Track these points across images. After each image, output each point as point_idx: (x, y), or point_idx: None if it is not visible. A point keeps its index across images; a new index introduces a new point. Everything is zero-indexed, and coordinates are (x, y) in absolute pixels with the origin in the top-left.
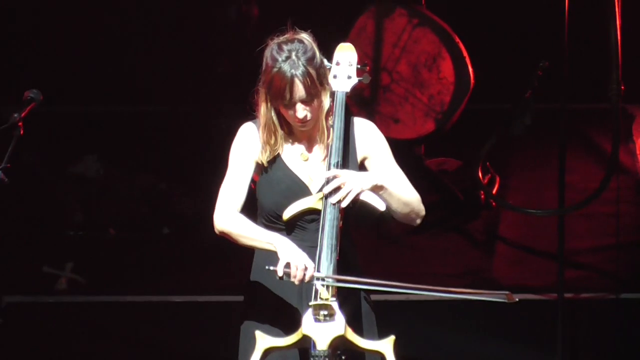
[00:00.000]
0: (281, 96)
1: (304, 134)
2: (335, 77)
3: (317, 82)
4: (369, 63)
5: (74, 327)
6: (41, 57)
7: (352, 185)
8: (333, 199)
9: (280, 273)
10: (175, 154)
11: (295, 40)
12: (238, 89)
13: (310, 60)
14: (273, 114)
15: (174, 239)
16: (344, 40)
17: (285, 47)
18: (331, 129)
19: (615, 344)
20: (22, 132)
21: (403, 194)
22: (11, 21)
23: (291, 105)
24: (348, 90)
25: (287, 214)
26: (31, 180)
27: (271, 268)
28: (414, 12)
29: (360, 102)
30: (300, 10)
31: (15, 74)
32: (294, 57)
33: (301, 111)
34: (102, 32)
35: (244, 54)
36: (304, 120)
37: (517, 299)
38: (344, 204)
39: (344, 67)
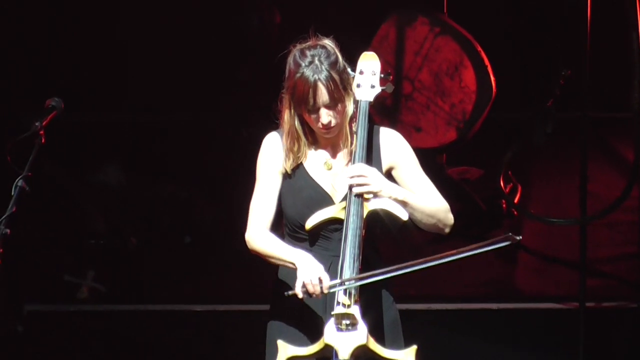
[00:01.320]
0: (305, 101)
1: (328, 142)
2: (358, 86)
3: (340, 86)
4: (391, 71)
5: (94, 335)
6: (63, 65)
7: (373, 180)
8: (354, 190)
9: (300, 295)
10: (197, 162)
11: (318, 46)
12: (260, 97)
13: (334, 64)
14: (297, 120)
15: (196, 247)
16: (366, 49)
17: (308, 53)
18: (354, 136)
19: (637, 352)
20: (43, 140)
21: (428, 205)
22: (34, 29)
23: (315, 110)
24: (371, 99)
25: (310, 223)
26: (53, 188)
27: (290, 293)
28: (436, 20)
29: (382, 111)
30: (322, 18)
31: (37, 82)
32: (317, 61)
33: (325, 116)
34: (124, 40)
35: (266, 61)
36: (328, 127)
37: (519, 238)
38: (358, 191)
39: (368, 76)
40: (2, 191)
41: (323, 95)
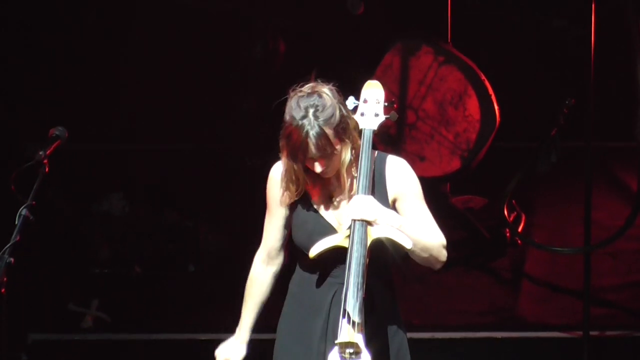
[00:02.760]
0: (296, 154)
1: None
2: (362, 114)
3: (333, 141)
4: (395, 100)
5: None
6: (66, 95)
7: (367, 210)
8: (350, 214)
9: None
10: (201, 191)
11: (315, 94)
12: (264, 126)
13: (328, 119)
14: (294, 165)
15: (200, 276)
16: (370, 78)
17: (302, 105)
18: (359, 166)
19: None
20: (47, 169)
21: (423, 238)
22: (37, 59)
23: (308, 160)
24: (375, 128)
25: (313, 252)
26: (57, 217)
27: None
28: (440, 49)
29: (386, 140)
30: (326, 47)
31: (41, 112)
32: (310, 115)
33: (318, 167)
34: (130, 70)
35: (270, 91)
36: (323, 174)
37: None
38: (351, 216)
39: (372, 104)
40: (6, 220)
41: (312, 151)
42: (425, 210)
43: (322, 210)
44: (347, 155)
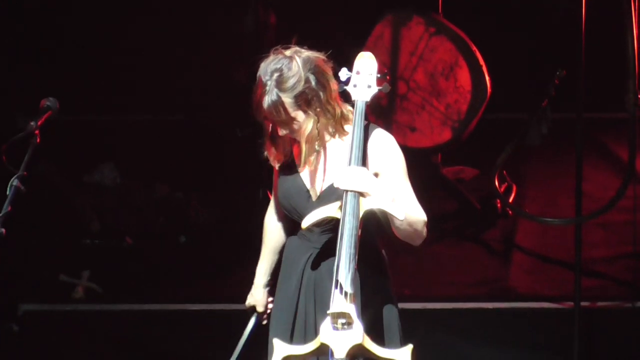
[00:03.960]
0: (255, 112)
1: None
2: (355, 86)
3: (290, 109)
4: (388, 72)
5: (90, 335)
6: (58, 66)
7: (361, 180)
8: (338, 183)
9: None
10: (192, 163)
11: (287, 60)
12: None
13: (288, 87)
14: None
15: (191, 247)
16: (361, 49)
17: (270, 67)
18: (351, 137)
19: (633, 352)
20: (38, 140)
21: (409, 212)
22: (28, 31)
23: (269, 121)
24: (368, 99)
25: (305, 223)
26: (48, 188)
27: None
28: (431, 20)
29: (377, 111)
30: (317, 19)
31: (32, 83)
32: (273, 80)
33: (281, 130)
34: (119, 41)
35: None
36: (289, 136)
37: None
38: (344, 187)
39: (364, 76)
40: None
41: (265, 113)
42: (408, 187)
43: (300, 172)
44: (308, 126)
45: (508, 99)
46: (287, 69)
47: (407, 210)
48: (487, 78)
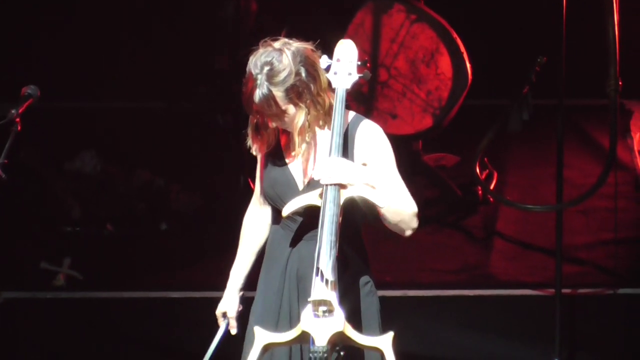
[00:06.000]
0: (245, 106)
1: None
2: (335, 73)
3: (281, 102)
4: (368, 59)
5: (71, 323)
6: (39, 53)
7: (340, 172)
8: (317, 176)
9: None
10: (173, 150)
11: (277, 53)
12: (236, 85)
13: (279, 80)
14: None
15: (172, 235)
16: (342, 37)
17: (261, 60)
18: (332, 125)
19: (614, 339)
20: (19, 128)
21: (394, 201)
22: (9, 18)
23: (260, 114)
24: (349, 87)
25: (286, 211)
26: (28, 176)
27: None
28: (412, 7)
29: (358, 98)
30: (298, 6)
31: (13, 70)
32: (263, 73)
33: (272, 123)
34: (99, 28)
35: (242, 50)
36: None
37: None
38: (324, 181)
39: (345, 63)
40: None
41: (257, 107)
42: (398, 178)
43: (289, 162)
44: (300, 119)
45: (489, 86)
46: (277, 62)
47: (396, 199)
48: (468, 65)
